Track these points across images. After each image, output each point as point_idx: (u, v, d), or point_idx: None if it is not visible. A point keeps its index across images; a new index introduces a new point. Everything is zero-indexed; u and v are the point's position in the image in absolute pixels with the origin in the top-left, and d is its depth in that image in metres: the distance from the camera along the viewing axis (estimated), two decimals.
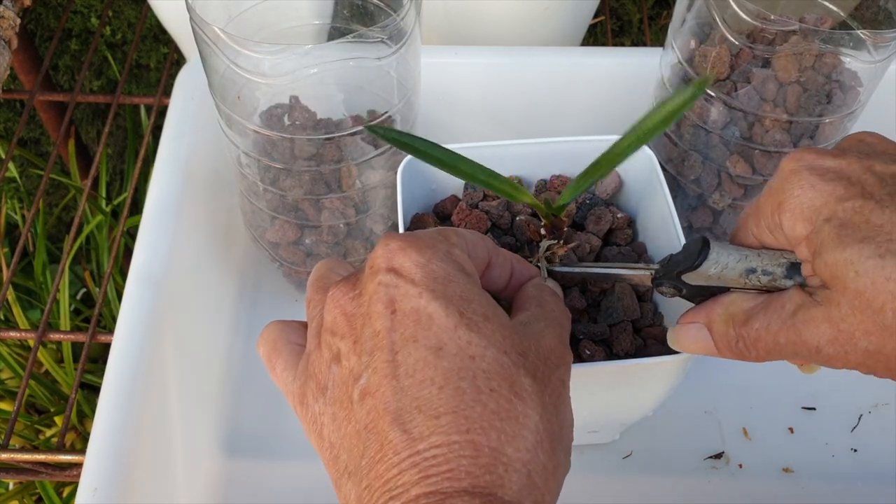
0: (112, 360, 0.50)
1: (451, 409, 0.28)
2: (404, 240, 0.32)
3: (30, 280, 1.00)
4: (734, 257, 0.35)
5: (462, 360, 0.29)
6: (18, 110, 1.13)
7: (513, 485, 0.28)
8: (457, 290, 0.31)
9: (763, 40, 0.50)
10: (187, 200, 0.58)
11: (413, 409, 0.29)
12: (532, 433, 0.29)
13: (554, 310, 0.35)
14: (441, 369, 0.29)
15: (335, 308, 0.32)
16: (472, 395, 0.29)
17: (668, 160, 0.56)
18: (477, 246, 0.35)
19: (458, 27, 0.71)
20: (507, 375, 0.29)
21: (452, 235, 0.34)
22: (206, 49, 0.46)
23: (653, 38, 1.00)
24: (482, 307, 0.31)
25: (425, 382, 0.29)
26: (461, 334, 0.30)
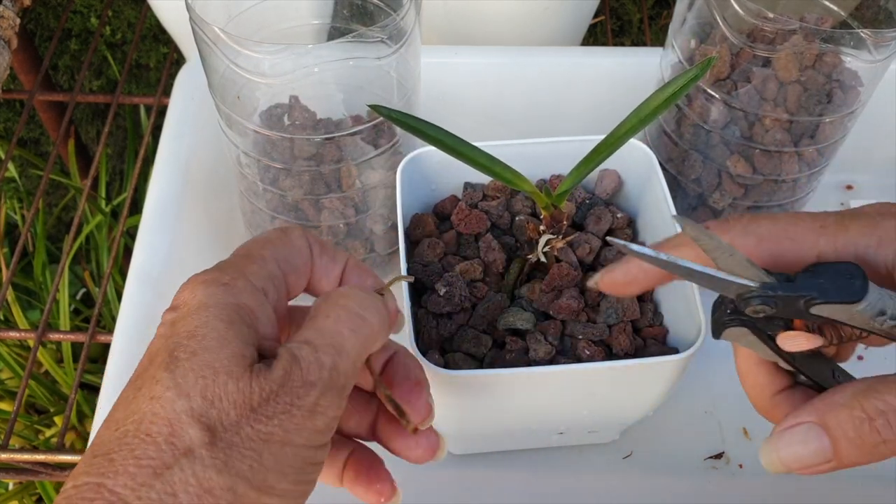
0: (112, 360, 0.50)
1: (106, 453, 0.28)
2: (195, 275, 0.32)
3: (29, 280, 1.00)
4: (876, 295, 0.31)
5: (143, 400, 0.29)
6: (18, 110, 1.13)
7: None
8: (189, 325, 0.30)
9: (763, 40, 0.50)
10: (187, 200, 0.58)
11: (90, 449, 0.29)
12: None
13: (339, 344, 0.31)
14: (127, 411, 0.29)
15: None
16: (132, 434, 0.28)
17: (668, 160, 0.56)
18: (291, 258, 0.34)
19: (458, 27, 0.71)
20: (174, 420, 0.28)
21: (249, 264, 0.33)
22: (206, 49, 0.46)
23: (653, 38, 1.00)
24: (199, 344, 0.29)
25: (111, 425, 0.29)
26: (158, 374, 0.29)
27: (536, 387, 0.41)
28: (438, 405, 0.44)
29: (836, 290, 0.31)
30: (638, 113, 0.40)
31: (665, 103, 0.39)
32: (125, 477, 0.27)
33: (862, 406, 0.29)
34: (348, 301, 0.32)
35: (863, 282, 0.31)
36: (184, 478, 0.27)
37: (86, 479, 0.28)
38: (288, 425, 0.29)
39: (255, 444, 0.28)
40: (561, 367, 0.40)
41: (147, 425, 0.28)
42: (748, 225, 0.34)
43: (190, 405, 0.28)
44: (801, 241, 0.33)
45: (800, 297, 0.31)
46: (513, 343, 0.42)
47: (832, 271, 0.31)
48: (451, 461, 0.52)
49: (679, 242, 0.35)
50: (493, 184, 0.48)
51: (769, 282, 0.31)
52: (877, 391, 0.29)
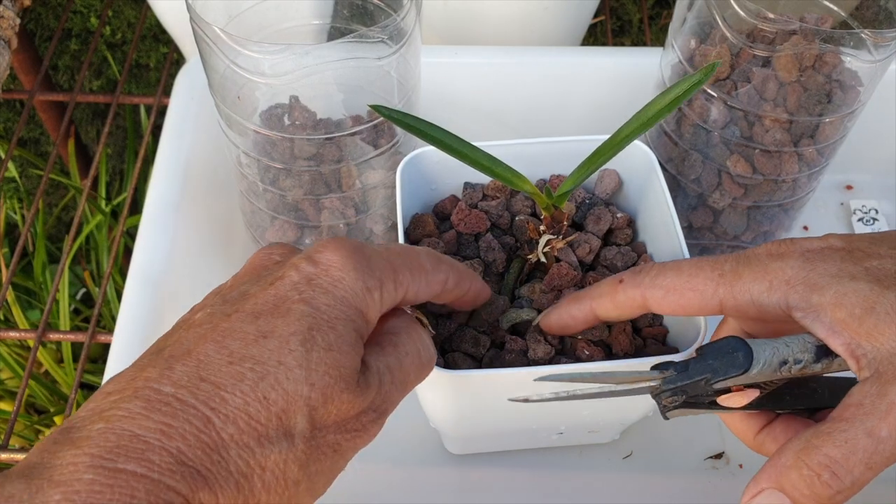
0: (112, 360, 0.50)
1: (217, 384, 0.28)
2: (347, 247, 0.32)
3: (29, 280, 1.00)
4: (768, 352, 0.33)
5: (270, 358, 0.29)
6: (18, 110, 1.13)
7: (224, 488, 0.27)
8: (332, 312, 0.31)
9: (763, 40, 0.50)
10: (187, 200, 0.58)
11: (193, 359, 0.29)
12: (270, 464, 0.28)
13: (409, 373, 0.34)
14: (247, 351, 0.29)
15: (256, 257, 0.34)
16: (249, 385, 0.28)
17: (668, 160, 0.56)
18: (420, 294, 0.35)
19: (458, 27, 0.71)
20: (291, 400, 0.29)
21: (396, 276, 0.33)
22: (206, 49, 0.46)
23: (653, 38, 1.00)
24: (336, 340, 0.30)
25: (223, 351, 0.29)
26: (292, 342, 0.29)
27: (536, 387, 0.41)
28: (438, 405, 0.44)
29: (724, 367, 0.33)
30: (640, 117, 0.40)
31: (667, 108, 0.39)
32: (233, 427, 0.28)
33: (807, 464, 0.31)
34: (423, 348, 0.35)
35: (745, 352, 0.32)
36: (276, 459, 0.28)
37: (192, 399, 0.28)
38: (354, 443, 0.31)
39: (330, 451, 0.30)
40: (560, 368, 0.40)
41: (266, 387, 0.28)
42: (655, 277, 0.36)
43: (310, 394, 0.29)
44: (702, 291, 0.35)
45: (697, 381, 0.33)
46: (512, 343, 0.42)
47: (717, 349, 0.33)
48: (451, 461, 0.52)
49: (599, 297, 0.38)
50: (493, 184, 0.48)
51: (668, 375, 0.34)
52: (815, 447, 0.31)
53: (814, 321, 0.32)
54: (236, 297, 0.31)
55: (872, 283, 0.31)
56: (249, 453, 0.28)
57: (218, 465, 0.27)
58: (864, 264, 0.33)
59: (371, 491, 0.50)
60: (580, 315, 0.39)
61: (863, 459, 0.30)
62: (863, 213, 0.65)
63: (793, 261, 0.33)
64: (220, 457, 0.27)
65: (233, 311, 0.30)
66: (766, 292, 0.33)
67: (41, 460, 0.26)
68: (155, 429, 0.27)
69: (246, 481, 0.27)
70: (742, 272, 0.34)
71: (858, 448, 0.30)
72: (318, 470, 0.30)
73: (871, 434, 0.30)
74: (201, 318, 0.31)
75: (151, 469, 0.26)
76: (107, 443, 0.26)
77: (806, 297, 0.32)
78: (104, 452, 0.26)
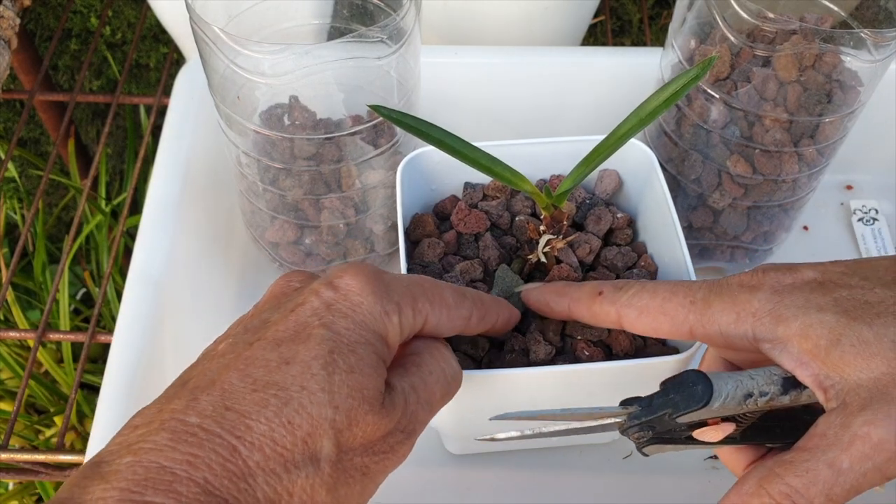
0: (112, 360, 0.50)
1: (242, 413, 0.28)
2: (367, 272, 0.33)
3: (29, 280, 1.00)
4: (731, 385, 0.33)
5: (293, 383, 0.29)
6: (18, 110, 1.13)
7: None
8: (352, 335, 0.31)
9: (763, 39, 0.50)
10: (187, 200, 0.58)
11: (217, 389, 0.29)
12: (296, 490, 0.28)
13: (434, 393, 0.34)
14: (270, 378, 0.29)
15: (276, 285, 0.35)
16: (273, 411, 0.28)
17: (668, 160, 0.56)
18: (440, 329, 0.35)
19: (458, 27, 0.71)
20: (316, 424, 0.29)
21: (415, 303, 0.33)
22: (206, 49, 0.46)
23: (653, 38, 1.00)
24: (357, 363, 0.30)
25: (247, 379, 0.29)
26: (314, 366, 0.30)
27: (536, 387, 0.41)
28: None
29: (685, 401, 0.33)
30: (638, 113, 0.40)
31: (665, 103, 0.39)
32: (259, 454, 0.28)
33: (768, 492, 0.31)
34: (447, 366, 0.35)
35: (705, 386, 0.32)
36: (303, 484, 0.28)
37: (217, 429, 0.28)
38: (383, 465, 0.31)
39: (358, 474, 0.30)
40: (560, 368, 0.40)
41: (290, 412, 0.29)
42: (632, 297, 0.37)
43: (335, 417, 0.29)
44: (674, 316, 0.35)
45: (660, 416, 0.33)
46: (512, 343, 0.42)
47: (678, 383, 0.33)
48: (451, 461, 0.52)
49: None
50: (493, 184, 0.48)
51: (632, 411, 0.34)
52: (777, 475, 0.31)
53: (781, 352, 0.32)
54: (258, 326, 0.32)
55: (839, 315, 0.31)
56: (276, 479, 0.28)
57: (245, 493, 0.27)
58: (833, 294, 0.32)
59: None
60: (557, 309, 0.39)
61: (823, 490, 0.30)
62: (863, 213, 0.65)
63: (761, 293, 0.33)
64: (248, 485, 0.27)
65: (255, 339, 0.31)
66: (734, 324, 0.34)
67: (71, 495, 0.26)
68: (182, 460, 0.27)
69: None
70: (712, 301, 0.34)
71: (819, 479, 0.30)
72: (347, 494, 0.30)
73: (832, 465, 0.30)
74: (224, 348, 0.31)
75: (179, 500, 0.26)
76: (135, 476, 0.26)
77: (772, 329, 0.33)
78: (132, 486, 0.26)
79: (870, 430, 0.29)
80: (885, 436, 0.29)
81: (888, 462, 0.29)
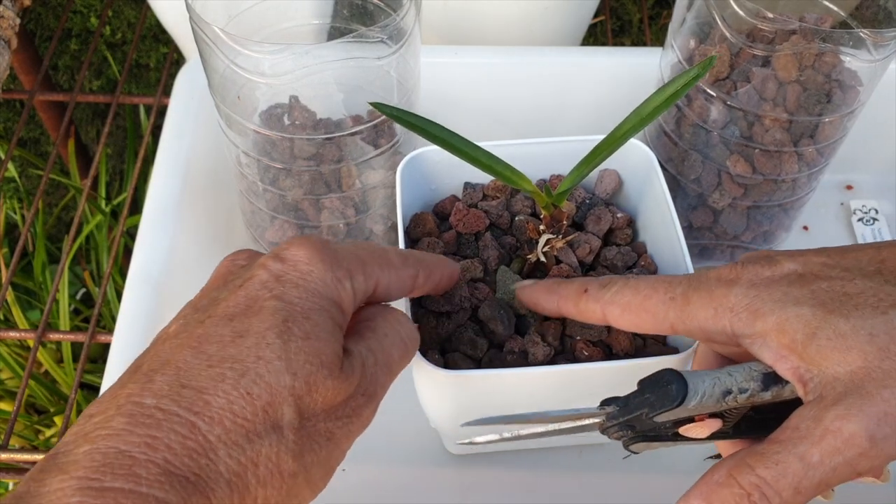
0: (112, 360, 0.50)
1: (199, 389, 0.28)
2: (313, 242, 0.32)
3: (29, 280, 1.00)
4: (708, 383, 0.32)
5: (249, 355, 0.29)
6: (18, 110, 1.13)
7: (217, 490, 0.27)
8: (305, 304, 0.31)
9: (763, 39, 0.50)
10: (187, 200, 0.58)
11: (172, 368, 0.29)
12: (262, 460, 0.28)
13: (392, 354, 0.34)
14: (225, 352, 0.29)
15: (221, 265, 0.35)
16: (230, 384, 0.28)
17: (668, 160, 0.56)
18: (392, 290, 0.35)
19: (458, 27, 0.71)
20: (275, 392, 0.29)
21: (364, 268, 0.33)
22: (206, 49, 0.46)
23: (653, 38, 1.00)
24: (313, 329, 0.30)
25: (201, 356, 0.29)
26: (269, 336, 0.29)
27: (536, 387, 0.41)
28: (438, 405, 0.44)
29: (659, 401, 0.32)
30: (638, 112, 0.40)
31: (665, 103, 0.39)
32: (220, 428, 0.27)
33: (738, 482, 0.30)
34: (401, 328, 0.35)
35: (679, 385, 0.32)
36: (268, 452, 0.28)
37: (174, 407, 0.27)
38: (347, 429, 0.31)
39: (323, 439, 0.30)
40: (560, 368, 0.40)
41: (248, 383, 0.28)
42: (615, 294, 0.36)
43: (293, 384, 0.29)
44: (655, 313, 0.35)
45: (637, 415, 0.33)
46: (512, 344, 0.42)
47: (652, 383, 0.33)
48: (451, 461, 0.52)
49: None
50: (493, 183, 0.48)
51: (610, 411, 0.34)
52: (748, 465, 0.31)
53: (760, 347, 0.32)
54: (207, 305, 0.31)
55: (816, 308, 0.31)
56: (239, 451, 0.27)
57: (207, 469, 0.27)
58: (811, 287, 0.32)
59: (371, 491, 0.50)
60: (548, 307, 0.40)
61: (792, 483, 0.30)
62: (863, 213, 0.65)
63: (738, 288, 0.33)
64: (209, 459, 0.27)
65: (205, 317, 0.30)
66: (712, 319, 0.33)
67: (29, 489, 0.26)
68: (140, 442, 0.26)
69: (239, 479, 0.27)
70: (691, 297, 0.34)
71: (789, 472, 0.30)
72: (313, 461, 0.29)
73: (802, 458, 0.30)
74: (175, 329, 0.31)
75: (139, 483, 0.26)
76: (93, 463, 0.26)
77: (750, 324, 0.32)
78: (90, 473, 0.26)
79: (842, 425, 0.29)
80: (857, 431, 0.29)
81: (859, 457, 0.29)
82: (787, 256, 0.34)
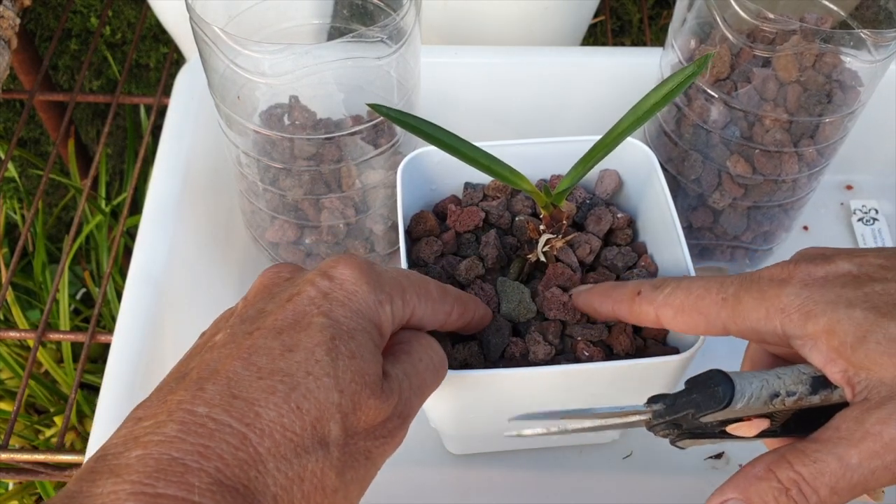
0: (112, 360, 0.50)
1: (250, 401, 0.28)
2: (359, 263, 0.33)
3: (29, 280, 1.00)
4: (756, 385, 0.32)
5: (299, 369, 0.29)
6: (18, 110, 1.13)
7: (263, 502, 0.27)
8: (350, 323, 0.31)
9: (763, 40, 0.50)
10: (187, 200, 0.58)
11: (222, 378, 0.29)
12: (307, 474, 0.29)
13: (425, 381, 0.35)
14: (275, 365, 0.29)
15: (265, 276, 0.35)
16: (281, 397, 0.29)
17: (668, 160, 0.56)
18: (426, 321, 0.36)
19: (458, 27, 0.71)
20: (324, 408, 0.29)
21: (404, 294, 0.34)
22: (206, 49, 0.46)
23: (653, 38, 1.00)
24: (358, 349, 0.31)
25: (251, 367, 0.29)
26: (318, 352, 0.30)
27: (536, 387, 0.41)
28: (438, 404, 0.44)
29: (706, 401, 0.32)
30: (635, 111, 0.40)
31: (662, 101, 0.39)
32: (270, 441, 0.28)
33: (777, 477, 0.31)
34: (434, 353, 0.36)
35: (726, 387, 0.32)
36: (313, 468, 0.29)
37: (226, 417, 0.28)
38: (383, 449, 0.32)
39: (362, 458, 0.30)
40: (561, 368, 0.40)
41: (298, 397, 0.29)
42: (668, 296, 0.36)
43: (341, 401, 0.29)
44: (708, 314, 0.35)
45: (684, 415, 0.33)
46: (512, 350, 0.42)
47: (700, 383, 0.33)
48: (451, 461, 0.52)
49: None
50: (493, 184, 0.48)
51: (657, 409, 0.34)
52: (788, 462, 0.31)
53: (811, 349, 0.32)
54: (254, 316, 0.32)
55: (868, 311, 0.31)
56: (287, 465, 0.28)
57: (256, 481, 0.27)
58: (864, 289, 0.32)
59: (371, 491, 0.50)
60: (602, 311, 0.40)
61: (828, 483, 0.30)
62: (863, 213, 0.65)
63: (791, 288, 0.33)
64: (258, 472, 0.27)
65: (253, 328, 0.31)
66: (764, 320, 0.33)
67: (80, 489, 0.26)
68: (193, 451, 0.27)
69: (285, 493, 0.28)
70: (742, 297, 0.34)
71: (827, 471, 0.30)
72: (352, 478, 0.30)
73: (841, 459, 0.30)
74: (222, 339, 0.31)
75: (191, 492, 0.26)
76: (146, 468, 0.26)
77: (801, 326, 0.32)
78: (144, 478, 0.26)
79: (882, 429, 0.29)
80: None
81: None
82: (843, 256, 0.34)
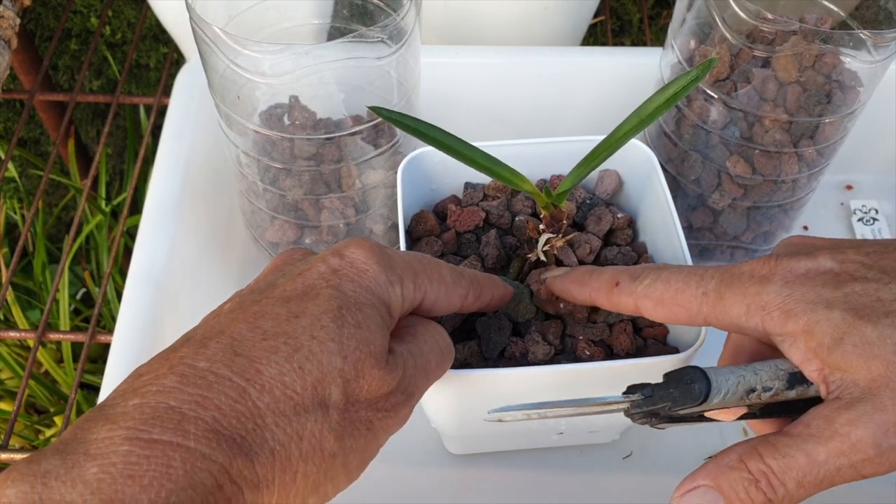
0: (112, 360, 0.50)
1: (252, 358, 0.29)
2: (371, 245, 0.34)
3: (29, 280, 1.00)
4: (732, 381, 0.33)
5: (304, 333, 0.30)
6: (18, 110, 1.13)
7: (260, 455, 0.28)
8: (359, 297, 0.32)
9: (763, 40, 0.50)
10: (187, 200, 0.58)
11: (226, 337, 0.30)
12: (305, 437, 0.29)
13: (430, 361, 0.35)
14: (280, 328, 0.30)
15: (279, 258, 0.36)
16: (284, 356, 0.29)
17: (668, 160, 0.56)
18: (438, 306, 0.36)
19: (458, 27, 0.71)
20: (326, 371, 0.30)
21: (416, 278, 0.35)
22: (206, 49, 0.46)
23: (653, 38, 1.00)
24: (364, 320, 0.31)
25: (256, 330, 0.30)
26: (324, 319, 0.30)
27: (536, 387, 0.41)
28: (439, 404, 0.44)
29: (682, 397, 0.33)
30: (638, 114, 0.40)
31: (665, 104, 0.39)
32: (269, 397, 0.28)
33: (748, 468, 0.31)
34: (440, 339, 0.36)
35: (702, 384, 0.32)
36: (312, 428, 0.29)
37: (226, 371, 0.28)
38: (386, 423, 0.32)
39: (363, 427, 0.31)
40: (560, 367, 0.40)
41: (301, 358, 0.29)
42: (648, 287, 0.36)
43: (343, 367, 0.30)
44: (688, 307, 0.35)
45: (661, 407, 0.33)
46: (513, 350, 0.42)
47: (678, 378, 0.33)
48: (451, 461, 0.52)
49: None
50: (493, 184, 0.48)
51: (635, 399, 0.34)
52: (759, 454, 0.31)
53: (790, 347, 0.32)
54: (264, 288, 0.32)
55: (846, 312, 0.31)
56: (286, 421, 0.28)
57: (254, 434, 0.28)
58: (844, 289, 0.32)
59: (371, 491, 0.50)
60: (580, 298, 0.40)
61: (796, 477, 0.30)
62: (863, 213, 0.65)
63: (772, 285, 0.33)
64: (256, 425, 0.28)
65: (262, 297, 0.32)
66: (745, 316, 0.33)
67: (75, 436, 0.26)
68: (190, 400, 0.27)
69: (283, 449, 0.28)
70: (724, 293, 0.34)
71: (795, 465, 0.30)
72: (352, 446, 0.30)
73: (809, 455, 0.30)
74: (230, 306, 0.32)
75: (187, 438, 0.26)
76: (142, 415, 0.27)
77: (782, 324, 0.32)
78: (139, 424, 0.26)
79: (850, 430, 0.30)
80: (864, 437, 0.29)
81: (864, 463, 0.30)
82: (826, 252, 0.34)
